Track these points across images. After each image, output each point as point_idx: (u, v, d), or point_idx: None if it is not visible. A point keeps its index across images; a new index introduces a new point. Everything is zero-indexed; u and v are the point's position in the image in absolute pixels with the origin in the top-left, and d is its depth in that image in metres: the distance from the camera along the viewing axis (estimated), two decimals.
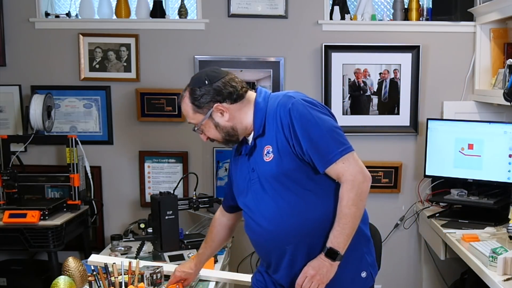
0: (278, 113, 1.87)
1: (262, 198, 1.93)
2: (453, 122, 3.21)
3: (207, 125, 1.96)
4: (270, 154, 1.90)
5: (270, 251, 1.98)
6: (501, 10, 2.98)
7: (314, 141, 1.82)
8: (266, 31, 3.41)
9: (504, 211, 2.88)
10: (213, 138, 2.00)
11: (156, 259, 2.71)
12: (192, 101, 1.95)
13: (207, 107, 1.93)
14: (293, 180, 1.88)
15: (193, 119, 1.97)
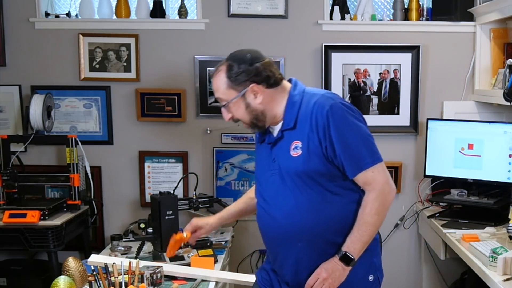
0: (315, 113, 1.86)
1: (280, 191, 1.91)
2: (453, 122, 3.21)
3: (237, 104, 1.92)
4: (298, 150, 1.88)
5: (280, 245, 1.95)
6: (501, 10, 2.98)
7: (349, 146, 1.83)
8: (266, 31, 3.41)
9: (504, 211, 2.88)
10: (239, 118, 1.96)
11: (156, 259, 2.71)
12: (228, 76, 1.90)
13: (242, 86, 1.90)
14: (316, 180, 1.87)
15: (224, 94, 1.93)
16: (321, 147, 1.85)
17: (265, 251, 3.50)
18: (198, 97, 3.43)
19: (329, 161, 1.86)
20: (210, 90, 3.43)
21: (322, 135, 1.84)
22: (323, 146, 1.84)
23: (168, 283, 2.37)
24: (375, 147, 1.88)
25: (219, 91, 1.93)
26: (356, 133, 1.85)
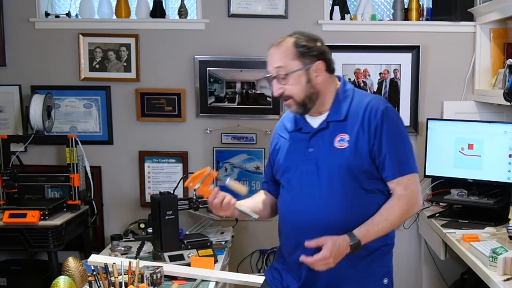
0: (368, 111, 1.88)
1: (314, 182, 1.88)
2: (453, 122, 3.21)
3: (299, 77, 1.88)
4: (344, 142, 1.88)
5: (305, 236, 1.87)
6: (501, 10, 2.98)
7: (396, 149, 1.87)
8: (266, 31, 3.41)
9: (504, 211, 2.88)
10: (291, 95, 1.89)
11: (156, 259, 2.71)
12: (297, 47, 1.89)
13: (309, 59, 1.89)
14: (356, 175, 1.87)
15: (286, 64, 1.88)
16: (368, 145, 1.87)
17: (265, 251, 3.52)
18: (198, 97, 3.43)
19: (371, 160, 1.88)
20: (210, 90, 3.43)
21: (373, 133, 1.86)
22: (370, 144, 1.87)
23: (168, 283, 2.37)
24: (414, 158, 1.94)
25: (282, 60, 1.89)
26: (404, 139, 1.91)
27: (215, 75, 3.43)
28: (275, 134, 2.10)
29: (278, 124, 2.12)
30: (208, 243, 2.82)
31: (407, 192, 1.87)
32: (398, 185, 1.88)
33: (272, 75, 1.91)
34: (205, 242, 2.82)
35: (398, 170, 1.87)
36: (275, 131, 2.11)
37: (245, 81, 3.43)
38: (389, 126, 1.87)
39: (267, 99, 3.42)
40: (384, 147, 1.86)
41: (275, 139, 2.09)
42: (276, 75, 1.90)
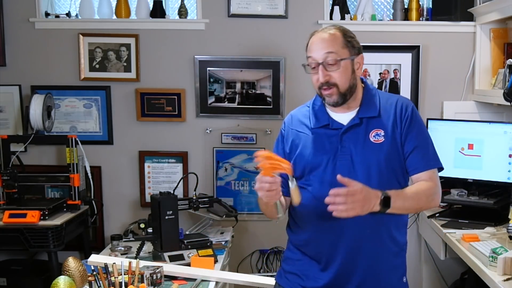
0: (399, 106, 1.96)
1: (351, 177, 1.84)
2: (453, 122, 3.21)
3: (345, 65, 1.90)
4: (380, 137, 1.92)
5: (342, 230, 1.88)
6: (501, 10, 2.98)
7: (426, 143, 1.96)
8: (266, 31, 3.41)
9: (504, 211, 2.87)
10: (337, 82, 1.89)
11: (156, 259, 2.71)
12: (346, 36, 1.92)
13: (355, 51, 1.93)
14: (392, 168, 1.91)
15: (337, 51, 1.89)
16: (401, 138, 1.93)
17: (265, 251, 3.52)
18: (198, 97, 3.43)
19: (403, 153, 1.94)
20: (210, 90, 3.43)
21: (405, 127, 1.93)
22: (403, 137, 1.93)
23: (168, 283, 2.37)
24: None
25: (333, 46, 1.89)
26: (429, 136, 2.01)
27: (215, 75, 3.43)
28: (289, 129, 2.05)
29: (291, 120, 2.07)
30: (208, 243, 2.82)
31: (434, 182, 1.94)
32: (422, 176, 1.94)
33: (318, 61, 1.90)
34: (205, 242, 2.82)
35: (427, 164, 1.94)
36: (288, 126, 2.06)
37: (245, 81, 3.43)
38: (418, 123, 1.97)
39: (267, 99, 3.42)
40: (415, 140, 1.93)
41: (291, 134, 2.04)
42: (323, 61, 1.89)
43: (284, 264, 2.11)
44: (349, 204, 1.72)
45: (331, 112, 1.99)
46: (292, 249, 2.07)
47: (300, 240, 2.02)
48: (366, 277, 1.94)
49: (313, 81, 1.94)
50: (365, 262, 1.92)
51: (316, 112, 2.01)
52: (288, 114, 2.12)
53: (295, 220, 2.04)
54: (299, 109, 2.10)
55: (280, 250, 3.45)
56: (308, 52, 1.95)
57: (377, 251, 1.93)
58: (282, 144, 2.07)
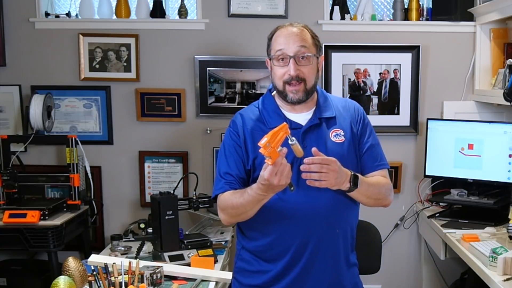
0: (352, 108, 2.03)
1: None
2: (453, 122, 3.21)
3: (313, 62, 1.93)
4: (340, 137, 1.96)
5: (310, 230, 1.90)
6: (501, 10, 2.98)
7: (378, 144, 2.05)
8: (266, 31, 3.38)
9: (504, 211, 2.88)
10: (306, 77, 1.90)
11: (156, 259, 2.71)
12: (313, 35, 1.97)
13: (319, 51, 1.97)
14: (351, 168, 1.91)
15: (308, 46, 1.91)
16: (357, 136, 1.99)
17: None
18: (198, 97, 3.43)
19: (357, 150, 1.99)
20: (210, 90, 3.43)
21: (360, 128, 2.00)
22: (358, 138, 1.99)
23: (168, 283, 2.37)
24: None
25: (306, 41, 1.92)
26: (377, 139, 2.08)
27: (215, 75, 3.43)
28: (245, 129, 1.97)
29: (242, 120, 2.00)
30: (208, 243, 2.82)
31: (389, 180, 2.03)
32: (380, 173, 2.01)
33: (289, 54, 1.89)
34: (205, 242, 2.82)
35: (380, 164, 2.02)
36: (242, 126, 1.98)
37: (245, 81, 3.43)
38: (370, 124, 2.06)
39: None
40: (369, 140, 2.01)
41: (248, 134, 1.96)
42: (295, 55, 1.89)
43: (240, 277, 2.08)
44: (323, 173, 1.75)
45: (286, 112, 1.98)
46: (247, 258, 2.03)
47: (260, 246, 1.98)
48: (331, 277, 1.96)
49: (278, 74, 1.91)
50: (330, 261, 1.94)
51: (269, 112, 1.98)
52: (236, 114, 2.05)
53: (254, 226, 1.97)
54: (248, 109, 2.06)
55: None
56: (277, 45, 1.92)
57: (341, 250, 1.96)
58: (237, 145, 1.97)
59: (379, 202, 1.99)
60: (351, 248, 2.03)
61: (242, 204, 1.86)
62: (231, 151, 1.97)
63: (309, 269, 1.93)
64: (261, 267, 1.99)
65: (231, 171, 1.95)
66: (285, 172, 1.69)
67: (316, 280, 1.94)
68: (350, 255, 2.03)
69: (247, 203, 1.84)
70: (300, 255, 1.92)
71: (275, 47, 1.92)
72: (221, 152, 2.01)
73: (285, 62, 1.90)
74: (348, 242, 2.00)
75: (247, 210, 1.88)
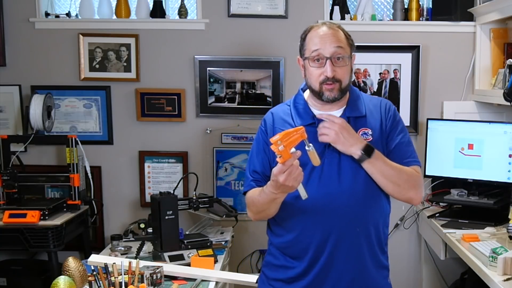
0: (384, 109, 2.00)
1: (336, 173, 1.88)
2: (453, 122, 3.21)
3: (348, 63, 1.93)
4: (368, 136, 1.95)
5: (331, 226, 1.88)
6: (501, 10, 2.98)
7: (410, 142, 2.01)
8: (266, 31, 3.41)
9: (504, 211, 2.88)
10: (340, 78, 1.90)
11: (156, 259, 2.71)
12: (348, 35, 1.97)
13: (353, 50, 1.97)
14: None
15: (344, 46, 1.92)
16: (387, 138, 1.97)
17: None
18: (198, 97, 3.43)
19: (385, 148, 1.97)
20: (210, 90, 3.43)
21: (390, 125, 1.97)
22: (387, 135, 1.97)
23: (168, 283, 2.37)
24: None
25: (342, 42, 1.92)
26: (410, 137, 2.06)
27: (215, 75, 3.43)
28: (273, 128, 2.00)
29: (272, 118, 2.03)
30: (208, 243, 2.82)
31: (419, 174, 1.98)
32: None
33: (326, 55, 1.88)
34: (205, 242, 2.82)
35: (413, 159, 1.97)
36: (271, 124, 2.02)
37: (245, 81, 3.43)
38: (401, 122, 2.02)
39: (267, 99, 3.42)
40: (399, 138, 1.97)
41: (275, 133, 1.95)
42: (331, 56, 1.88)
43: (266, 270, 2.08)
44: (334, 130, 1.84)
45: (316, 111, 1.98)
46: (275, 253, 2.04)
47: (284, 242, 1.99)
48: (354, 276, 1.93)
49: (315, 75, 1.91)
50: (353, 260, 1.91)
51: (299, 110, 1.99)
52: (268, 112, 2.08)
53: (279, 222, 1.99)
54: (280, 107, 2.08)
55: None
56: (313, 45, 1.91)
57: (365, 249, 1.93)
58: (265, 143, 2.00)
59: (400, 189, 1.92)
60: (379, 248, 1.97)
61: (259, 201, 1.89)
62: (259, 149, 2.03)
63: (329, 267, 1.92)
64: (286, 262, 2.00)
65: (258, 169, 2.00)
66: (294, 174, 1.69)
67: (336, 279, 1.92)
68: (379, 256, 1.98)
69: (264, 201, 1.87)
70: (321, 252, 1.92)
71: (311, 47, 1.91)
72: (251, 149, 2.07)
73: (321, 63, 1.89)
74: (374, 242, 1.95)
75: (265, 209, 1.91)
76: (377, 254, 1.97)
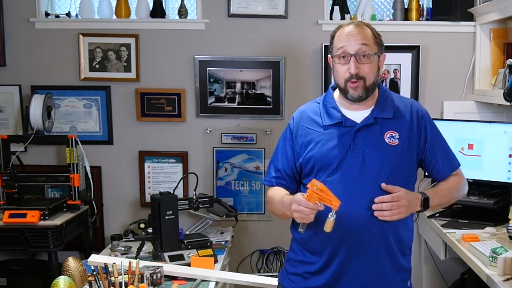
0: (415, 112, 2.01)
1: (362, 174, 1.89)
2: (453, 122, 3.21)
3: (375, 60, 1.92)
4: (394, 139, 1.94)
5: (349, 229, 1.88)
6: (501, 10, 2.98)
7: (447, 148, 2.07)
8: (266, 31, 3.41)
9: (504, 211, 2.88)
10: (366, 76, 1.90)
11: (156, 259, 2.71)
12: (376, 33, 1.96)
13: (381, 49, 1.96)
14: (403, 172, 1.94)
15: (370, 44, 1.91)
16: (419, 144, 1.98)
17: (265, 251, 3.52)
18: (198, 97, 3.43)
19: (418, 159, 1.99)
20: (210, 90, 3.43)
21: (424, 134, 1.99)
22: (421, 144, 1.98)
23: (168, 283, 2.38)
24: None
25: (368, 39, 1.91)
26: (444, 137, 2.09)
27: (215, 75, 3.43)
28: (299, 125, 2.03)
29: (300, 116, 2.05)
30: (208, 243, 2.82)
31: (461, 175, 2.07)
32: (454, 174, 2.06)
33: (350, 52, 1.89)
34: (205, 242, 2.82)
35: (452, 167, 2.05)
36: (298, 122, 2.04)
37: (245, 81, 3.43)
38: (436, 129, 2.04)
39: (267, 99, 3.42)
40: (438, 148, 2.01)
41: (300, 131, 2.02)
42: (356, 53, 1.89)
43: (287, 265, 2.10)
44: (394, 209, 1.82)
45: (344, 110, 1.98)
46: (295, 249, 2.06)
47: (305, 237, 1.99)
48: (370, 276, 1.92)
49: (340, 72, 1.92)
50: (369, 261, 1.91)
51: (328, 109, 2.00)
52: (297, 110, 2.10)
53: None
54: (309, 105, 2.09)
55: (280, 250, 3.46)
56: (339, 43, 1.93)
57: (382, 251, 1.92)
58: (291, 141, 2.04)
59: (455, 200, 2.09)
60: (400, 251, 1.96)
61: (277, 208, 1.99)
62: (284, 146, 2.07)
63: (346, 266, 1.92)
64: (305, 257, 2.01)
65: (280, 167, 2.07)
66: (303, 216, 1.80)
67: (352, 278, 1.92)
68: (399, 259, 1.97)
69: (281, 209, 1.97)
70: (337, 250, 1.92)
71: (337, 45, 1.94)
72: (277, 144, 2.11)
73: (346, 60, 1.91)
74: (393, 244, 1.93)
75: (279, 214, 2.03)
76: (396, 256, 1.96)
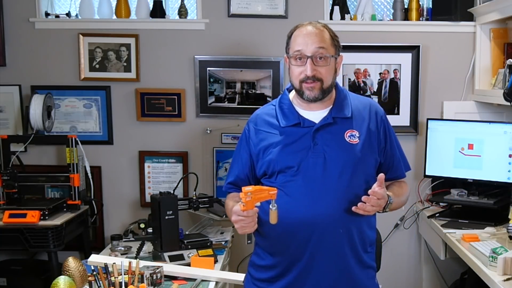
0: (374, 112, 2.01)
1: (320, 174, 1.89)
2: (453, 122, 3.21)
3: (331, 63, 1.92)
4: (355, 138, 1.94)
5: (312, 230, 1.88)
6: (501, 10, 2.98)
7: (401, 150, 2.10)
8: (266, 31, 3.41)
9: (504, 211, 2.88)
10: (323, 78, 1.90)
11: (156, 259, 2.71)
12: (333, 35, 1.96)
13: (338, 51, 1.97)
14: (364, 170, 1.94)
15: (326, 47, 1.91)
16: (379, 144, 1.99)
17: None
18: (198, 97, 3.43)
19: (378, 158, 1.99)
20: (210, 90, 3.43)
21: (382, 135, 2.00)
22: (381, 144, 2.00)
23: (168, 283, 2.38)
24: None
25: (325, 42, 1.91)
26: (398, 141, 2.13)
27: (215, 75, 3.43)
28: (256, 130, 2.02)
29: (256, 120, 2.04)
30: (208, 243, 2.82)
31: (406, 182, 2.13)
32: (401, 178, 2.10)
33: (307, 54, 1.89)
34: (205, 242, 2.82)
35: (407, 167, 2.11)
36: (253, 126, 2.04)
37: (245, 81, 3.43)
38: (392, 130, 2.06)
39: (267, 99, 3.42)
40: (394, 149, 2.04)
41: (258, 135, 2.01)
42: (312, 55, 1.89)
43: (251, 270, 2.08)
44: (375, 206, 1.84)
45: (302, 110, 1.98)
46: (260, 253, 2.04)
47: (268, 240, 1.99)
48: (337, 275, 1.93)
49: (295, 73, 1.93)
50: (335, 260, 1.92)
51: (284, 110, 1.99)
52: (253, 113, 2.09)
53: (263, 222, 1.96)
54: (264, 107, 2.08)
55: None
56: (296, 45, 1.92)
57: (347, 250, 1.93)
58: (247, 146, 2.04)
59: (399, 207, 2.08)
60: (362, 248, 1.98)
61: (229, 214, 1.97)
62: (239, 151, 2.10)
63: (310, 268, 1.92)
64: (269, 261, 2.00)
65: (236, 173, 2.11)
66: (244, 225, 1.82)
67: (318, 279, 1.93)
68: (363, 255, 1.98)
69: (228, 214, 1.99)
70: (302, 251, 1.92)
71: (294, 46, 1.93)
72: (235, 149, 2.15)
73: (303, 62, 1.90)
74: (357, 242, 1.94)
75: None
76: (360, 254, 1.97)
